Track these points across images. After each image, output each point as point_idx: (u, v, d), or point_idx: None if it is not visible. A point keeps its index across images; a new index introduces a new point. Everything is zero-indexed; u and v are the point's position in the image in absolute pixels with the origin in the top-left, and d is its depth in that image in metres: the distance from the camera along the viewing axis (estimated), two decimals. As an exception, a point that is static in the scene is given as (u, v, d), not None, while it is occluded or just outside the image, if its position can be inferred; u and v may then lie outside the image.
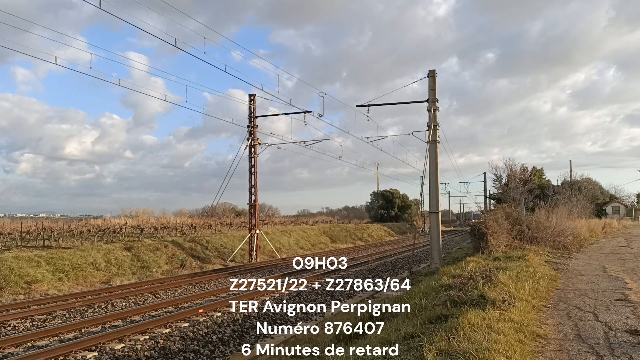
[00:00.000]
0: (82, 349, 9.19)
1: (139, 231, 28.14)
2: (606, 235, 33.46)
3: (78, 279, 18.38)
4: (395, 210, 72.01)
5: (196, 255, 25.59)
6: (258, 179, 27.79)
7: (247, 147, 27.37)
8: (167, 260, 23.28)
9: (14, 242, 22.62)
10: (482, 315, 6.27)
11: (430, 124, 20.62)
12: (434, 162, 20.75)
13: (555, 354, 5.41)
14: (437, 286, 9.52)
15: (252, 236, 27.48)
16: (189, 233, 30.45)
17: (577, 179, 56.32)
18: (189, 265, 23.68)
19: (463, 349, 4.69)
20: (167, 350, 9.48)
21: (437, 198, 20.87)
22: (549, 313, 7.69)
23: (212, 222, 34.58)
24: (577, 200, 38.71)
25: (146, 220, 33.79)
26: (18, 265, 17.15)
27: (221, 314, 12.32)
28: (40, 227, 23.83)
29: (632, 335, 6.10)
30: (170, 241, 25.78)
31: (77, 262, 19.23)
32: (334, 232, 46.27)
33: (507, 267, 11.11)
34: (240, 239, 29.84)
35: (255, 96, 27.61)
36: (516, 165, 50.64)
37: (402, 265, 24.88)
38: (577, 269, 13.83)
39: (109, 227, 27.19)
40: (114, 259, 20.95)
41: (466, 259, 14.46)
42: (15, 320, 11.82)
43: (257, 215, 28.08)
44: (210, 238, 29.10)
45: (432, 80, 20.73)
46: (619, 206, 68.92)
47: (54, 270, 18.06)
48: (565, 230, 21.49)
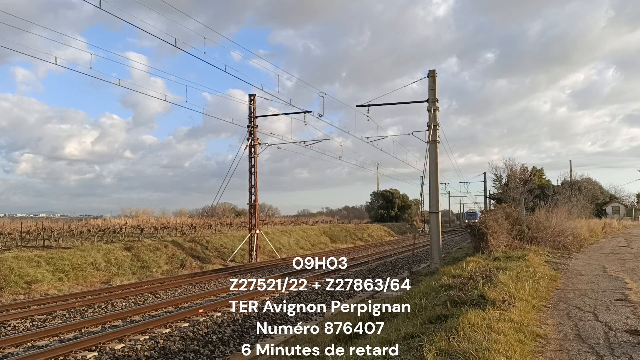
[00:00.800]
0: (82, 349, 9.19)
1: (139, 231, 28.15)
2: (606, 235, 33.45)
3: (78, 279, 18.38)
4: (395, 210, 72.01)
5: (196, 255, 25.58)
6: (258, 178, 27.83)
7: (247, 147, 27.37)
8: (167, 260, 23.28)
9: (14, 242, 22.63)
10: (482, 315, 6.27)
11: (430, 124, 20.62)
12: (434, 162, 20.75)
13: (555, 354, 5.41)
14: (437, 286, 9.52)
15: (252, 236, 27.48)
16: (189, 233, 30.45)
17: (577, 179, 56.33)
18: (189, 265, 23.68)
19: (463, 349, 4.69)
20: (167, 350, 9.48)
21: (437, 198, 20.87)
22: (549, 313, 7.69)
23: (212, 222, 34.59)
24: (577, 200, 38.69)
25: (146, 220, 33.79)
26: (18, 265, 17.15)
27: (221, 314, 12.32)
28: (40, 227, 23.83)
29: (632, 335, 6.10)
30: (170, 241, 25.77)
31: (77, 262, 19.23)
32: (334, 232, 46.27)
33: (507, 267, 11.10)
34: (240, 239, 29.84)
35: (255, 96, 27.63)
36: (516, 165, 50.66)
37: (402, 265, 24.88)
38: (577, 269, 13.83)
39: (109, 227, 27.19)
40: (114, 259, 20.95)
41: (466, 259, 14.46)
42: (15, 320, 11.82)
43: (257, 215, 28.09)
44: (210, 238, 29.10)
45: (432, 80, 20.73)
46: (619, 206, 68.92)
47: (54, 270, 18.06)
48: (565, 230, 21.48)
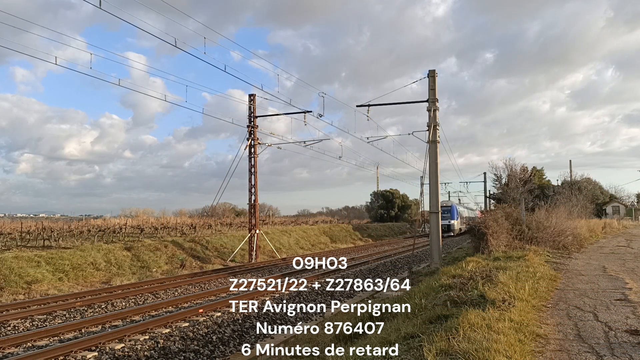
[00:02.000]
0: (82, 349, 9.19)
1: (139, 231, 28.15)
2: (606, 235, 33.44)
3: (78, 279, 18.38)
4: (395, 210, 72.00)
5: (196, 255, 25.59)
6: (258, 178, 27.83)
7: (247, 147, 27.38)
8: (167, 260, 23.28)
9: (14, 242, 22.63)
10: (482, 315, 6.27)
11: (430, 124, 20.62)
12: (434, 162, 20.75)
13: (555, 354, 5.41)
14: (437, 286, 9.52)
15: (252, 236, 27.48)
16: (189, 233, 30.45)
17: (577, 179, 56.30)
18: (189, 265, 23.68)
19: (463, 349, 4.69)
20: (167, 350, 9.48)
21: (437, 198, 20.87)
22: (549, 313, 7.69)
23: (212, 222, 34.59)
24: (577, 200, 38.66)
25: (146, 220, 33.80)
26: (18, 265, 17.15)
27: (221, 314, 12.32)
28: (40, 227, 23.83)
29: (632, 335, 6.10)
30: (170, 241, 25.77)
31: (77, 262, 19.23)
32: (334, 232, 46.27)
33: (507, 267, 11.10)
34: (240, 239, 29.84)
35: (255, 96, 27.64)
36: (516, 165, 50.57)
37: (402, 265, 24.88)
38: (577, 269, 13.83)
39: (109, 227, 27.20)
40: (114, 259, 20.95)
41: (466, 259, 14.45)
42: (15, 320, 11.82)
43: (257, 215, 28.09)
44: (210, 238, 29.10)
45: (432, 80, 20.73)
46: (619, 206, 68.93)
47: (54, 270, 18.06)
48: (565, 230, 21.47)
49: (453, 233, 51.25)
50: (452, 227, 51.65)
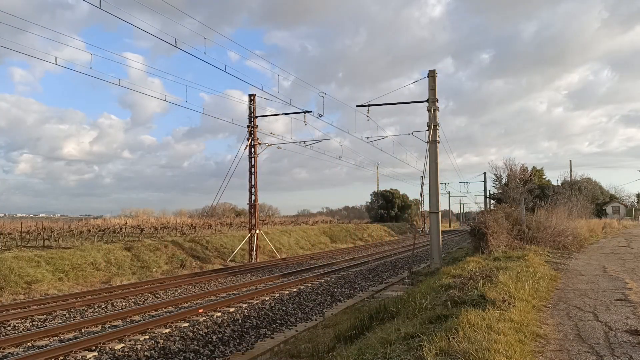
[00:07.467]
0: (82, 349, 9.18)
1: (139, 231, 28.14)
2: (606, 235, 33.44)
3: (78, 279, 18.37)
4: (395, 210, 72.01)
5: (196, 255, 25.58)
6: (258, 178, 27.82)
7: (247, 147, 27.37)
8: (167, 260, 23.28)
9: (14, 242, 22.61)
10: (482, 315, 6.27)
11: (430, 124, 20.60)
12: (434, 162, 20.74)
13: (555, 354, 5.41)
14: (437, 286, 9.52)
15: (252, 236, 27.48)
16: (189, 233, 30.44)
17: (577, 179, 56.30)
18: (189, 265, 23.68)
19: (463, 349, 4.69)
20: (167, 350, 9.47)
21: (437, 198, 20.86)
22: (549, 313, 7.68)
23: (212, 222, 34.58)
24: (577, 200, 38.67)
25: (146, 220, 33.79)
26: (18, 265, 17.14)
27: (221, 314, 12.31)
28: (40, 227, 23.82)
29: (632, 335, 6.10)
30: (170, 241, 25.77)
31: (77, 262, 19.22)
32: (334, 232, 46.26)
33: (507, 267, 11.10)
34: (240, 239, 29.83)
35: (255, 96, 27.64)
36: (516, 165, 50.53)
37: (402, 265, 24.87)
38: (577, 269, 13.83)
39: (108, 227, 27.19)
40: (114, 259, 20.94)
41: (466, 259, 14.46)
42: (15, 320, 11.82)
43: (257, 215, 28.08)
44: (210, 238, 29.09)
45: (432, 80, 20.71)
46: (619, 206, 68.95)
47: (54, 270, 18.05)
48: (565, 230, 21.48)
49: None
50: None
